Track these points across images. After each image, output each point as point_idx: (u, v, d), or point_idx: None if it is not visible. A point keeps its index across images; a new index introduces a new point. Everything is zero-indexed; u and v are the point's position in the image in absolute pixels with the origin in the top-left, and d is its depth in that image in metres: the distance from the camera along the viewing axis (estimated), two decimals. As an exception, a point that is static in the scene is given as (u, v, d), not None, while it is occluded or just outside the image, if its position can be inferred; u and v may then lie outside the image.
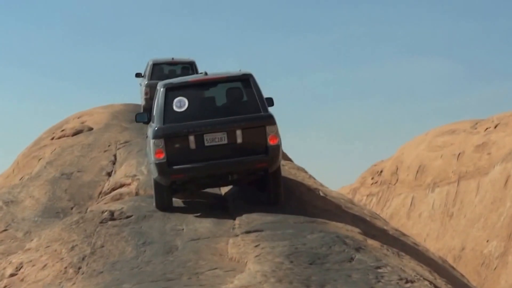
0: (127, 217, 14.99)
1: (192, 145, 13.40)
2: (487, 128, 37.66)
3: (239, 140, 13.45)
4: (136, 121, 15.60)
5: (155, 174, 13.84)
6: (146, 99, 23.43)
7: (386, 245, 13.50)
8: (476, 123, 39.41)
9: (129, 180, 18.67)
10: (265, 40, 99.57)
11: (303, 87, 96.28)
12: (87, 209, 18.08)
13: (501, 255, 33.19)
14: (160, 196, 14.28)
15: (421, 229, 37.62)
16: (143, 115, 15.43)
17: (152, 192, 15.86)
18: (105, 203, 17.81)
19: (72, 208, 18.18)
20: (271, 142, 13.40)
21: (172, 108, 13.55)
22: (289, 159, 25.86)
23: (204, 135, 13.37)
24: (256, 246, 11.70)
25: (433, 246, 36.43)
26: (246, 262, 11.06)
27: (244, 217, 14.50)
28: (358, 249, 11.49)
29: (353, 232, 13.89)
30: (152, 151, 13.55)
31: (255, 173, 14.11)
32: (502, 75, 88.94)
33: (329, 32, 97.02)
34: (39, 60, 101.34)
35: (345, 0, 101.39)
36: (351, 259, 10.95)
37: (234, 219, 14.23)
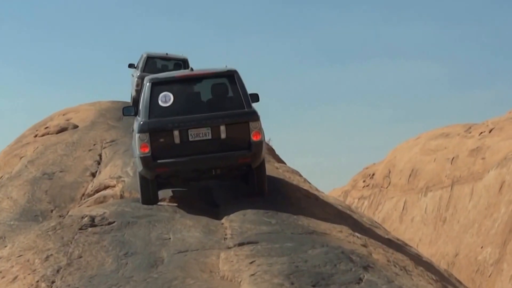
0: (109, 223, 13.40)
1: (177, 140, 13.32)
2: (481, 133, 36.19)
3: (223, 135, 13.38)
4: (124, 114, 15.16)
5: (140, 167, 13.64)
6: (136, 90, 23.19)
7: (392, 260, 11.97)
8: (470, 127, 37.95)
9: (113, 182, 17.09)
10: (256, 39, 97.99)
11: (294, 86, 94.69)
12: (67, 212, 16.52)
13: (495, 262, 31.70)
14: (146, 190, 13.93)
15: (413, 233, 36.11)
16: (130, 108, 15.10)
17: (138, 195, 14.86)
18: (88, 206, 16.23)
19: (52, 211, 16.57)
20: (254, 138, 13.33)
21: (158, 102, 13.45)
22: (283, 162, 24.30)
23: (189, 130, 13.31)
24: (251, 262, 10.13)
25: (426, 251, 34.89)
26: (240, 281, 9.49)
27: (237, 224, 12.95)
28: (366, 268, 9.94)
29: (356, 244, 12.36)
30: (137, 145, 13.43)
31: (238, 168, 13.94)
32: (493, 78, 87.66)
33: (321, 31, 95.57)
34: (25, 54, 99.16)
35: (335, 1, 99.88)
36: (360, 280, 9.39)
37: (222, 218, 13.11)
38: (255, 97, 14.17)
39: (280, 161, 24.18)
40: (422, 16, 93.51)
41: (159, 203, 14.85)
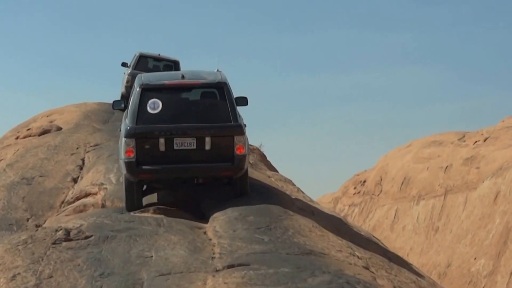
0: (86, 237, 11.89)
1: (162, 148, 13.15)
2: (476, 141, 34.74)
3: (207, 146, 13.24)
4: (113, 108, 15.18)
5: (124, 171, 13.43)
6: (126, 87, 23.39)
7: (398, 286, 10.53)
8: (464, 136, 36.52)
9: (95, 189, 15.57)
10: (251, 40, 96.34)
11: (285, 91, 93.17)
12: (45, 220, 15.00)
13: (489, 274, 30.27)
14: (130, 194, 13.58)
15: (404, 242, 34.67)
16: (120, 101, 15.06)
17: (120, 204, 13.98)
18: (66, 215, 14.72)
19: (28, 220, 15.02)
20: (238, 151, 13.22)
21: (146, 109, 13.27)
22: (275, 169, 22.82)
23: (174, 139, 13.16)
24: (242, 293, 8.63)
25: (417, 260, 33.47)
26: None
27: (226, 241, 11.47)
28: (374, 300, 8.45)
29: (357, 266, 10.92)
30: (123, 149, 13.27)
31: (220, 179, 13.93)
32: (486, 87, 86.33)
33: (315, 35, 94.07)
34: (14, 52, 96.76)
35: (335, 4, 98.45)
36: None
37: (209, 231, 11.95)
38: (244, 101, 14.15)
39: (272, 168, 22.70)
40: (414, 23, 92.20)
41: (142, 214, 13.41)
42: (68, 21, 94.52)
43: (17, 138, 20.96)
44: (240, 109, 14.15)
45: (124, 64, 25.64)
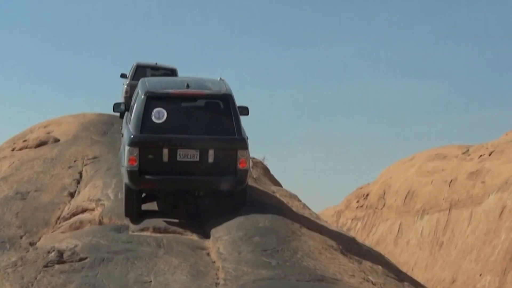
0: (80, 259, 10.96)
1: (165, 158, 12.83)
2: (481, 155, 33.74)
3: (211, 159, 12.91)
4: (114, 111, 15.00)
5: (125, 179, 13.09)
6: (125, 98, 22.89)
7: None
8: (468, 149, 35.55)
9: (92, 205, 14.60)
10: (253, 52, 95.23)
11: (286, 102, 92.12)
12: (39, 238, 14.01)
13: (495, 291, 29.30)
14: (130, 202, 13.20)
15: (408, 257, 33.65)
16: (121, 105, 14.86)
17: (118, 221, 13.23)
18: (62, 232, 13.74)
19: (21, 237, 14.00)
20: (241, 165, 12.93)
21: (151, 118, 12.95)
22: (278, 183, 21.87)
23: (178, 150, 12.84)
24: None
25: (422, 276, 32.46)
26: None
27: (231, 265, 10.52)
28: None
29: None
30: (126, 158, 12.90)
31: (221, 192, 13.42)
32: (488, 100, 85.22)
33: (317, 48, 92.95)
34: (16, 61, 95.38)
35: (335, 18, 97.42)
36: None
37: (213, 252, 11.12)
38: (245, 110, 14.05)
39: (275, 182, 21.76)
40: (416, 36, 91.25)
41: (141, 233, 12.47)
42: (66, 31, 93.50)
43: (13, 150, 19.98)
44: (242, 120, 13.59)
45: (123, 75, 25.45)
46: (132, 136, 12.92)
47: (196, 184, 13.12)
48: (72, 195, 16.19)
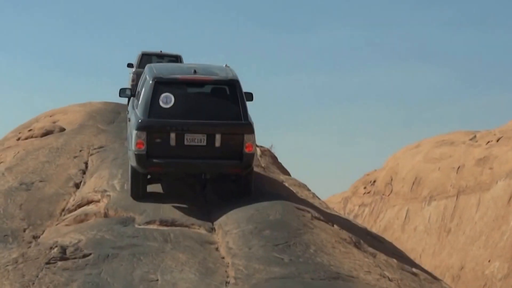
0: (84, 256, 10.29)
1: (172, 142, 12.80)
2: (488, 141, 32.95)
3: (217, 144, 12.88)
4: (120, 96, 14.89)
5: (133, 162, 13.01)
6: (132, 85, 22.71)
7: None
8: (475, 136, 34.75)
9: (98, 196, 13.91)
10: (259, 38, 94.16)
11: (292, 88, 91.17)
12: (43, 231, 13.33)
13: (504, 277, 28.57)
14: (136, 184, 13.23)
15: (416, 243, 32.93)
16: (126, 90, 14.85)
17: (125, 213, 12.65)
18: (66, 225, 13.06)
19: (25, 230, 13.31)
20: (247, 150, 12.90)
21: (159, 103, 12.91)
22: (287, 171, 21.13)
23: (185, 134, 12.82)
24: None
25: (429, 262, 31.75)
26: None
27: (241, 262, 9.83)
28: None
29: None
30: (134, 141, 12.86)
31: (227, 176, 13.50)
32: (494, 86, 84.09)
33: (324, 32, 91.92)
34: (19, 49, 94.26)
35: (342, 3, 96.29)
36: None
37: (221, 246, 10.52)
38: (250, 96, 13.99)
39: (284, 170, 21.02)
40: (423, 21, 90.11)
41: (147, 226, 11.81)
42: (73, 18, 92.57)
43: (18, 139, 19.26)
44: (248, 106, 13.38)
45: (130, 65, 25.43)
46: (140, 121, 12.88)
47: (203, 168, 13.07)
48: (77, 185, 15.50)
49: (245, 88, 13.59)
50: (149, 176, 13.40)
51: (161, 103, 12.91)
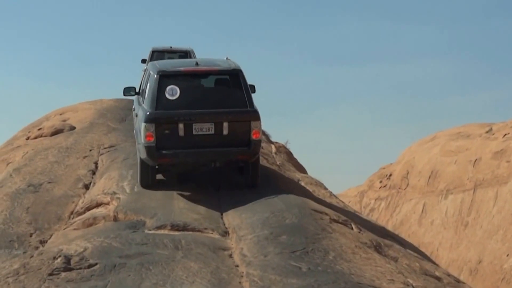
0: (90, 266, 9.52)
1: (181, 133, 12.87)
2: (505, 134, 32.03)
3: (225, 131, 12.93)
4: (124, 95, 14.84)
5: (143, 155, 13.05)
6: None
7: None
8: (491, 128, 33.83)
9: (107, 199, 13.16)
10: (268, 33, 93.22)
11: (307, 82, 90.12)
12: (50, 236, 12.59)
13: (523, 271, 27.71)
14: (145, 174, 13.32)
15: (433, 237, 32.09)
16: (131, 89, 14.70)
17: (135, 217, 12.06)
18: (74, 229, 12.32)
19: (31, 235, 12.58)
20: (254, 136, 12.99)
21: (165, 95, 12.98)
22: (302, 167, 20.33)
23: (193, 124, 12.88)
24: None
25: (447, 256, 30.92)
26: None
27: (256, 272, 9.05)
28: None
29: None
30: (143, 134, 12.91)
31: (236, 163, 13.47)
32: (503, 78, 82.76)
33: (336, 26, 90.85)
34: (31, 48, 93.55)
35: (341, 1, 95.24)
36: None
37: (235, 252, 9.85)
38: (252, 88, 13.90)
39: (299, 167, 20.23)
40: (436, 14, 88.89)
41: (158, 232, 11.06)
42: (86, 14, 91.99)
43: (27, 138, 18.53)
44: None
45: (143, 61, 25.20)
46: (148, 113, 12.90)
47: (212, 156, 13.07)
48: (87, 187, 14.76)
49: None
50: (157, 167, 13.40)
51: (167, 95, 12.97)
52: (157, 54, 24.00)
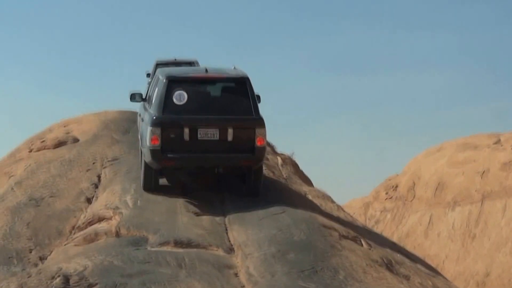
0: (89, 286, 9.04)
1: (186, 137, 12.89)
2: (513, 145, 31.56)
3: (230, 138, 12.95)
4: (130, 100, 14.77)
5: (148, 158, 13.08)
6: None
7: None
8: (499, 139, 33.32)
9: (109, 213, 12.69)
10: (272, 43, 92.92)
11: (311, 92, 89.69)
12: (51, 252, 12.15)
13: (532, 285, 27.21)
14: (148, 178, 13.41)
15: (439, 249, 31.53)
16: (136, 95, 14.64)
17: (137, 233, 11.70)
18: (75, 245, 11.86)
19: (31, 251, 12.13)
20: (259, 143, 13.00)
21: (172, 99, 13.03)
22: (309, 180, 19.84)
23: (198, 129, 12.94)
24: None
25: (453, 268, 30.37)
26: None
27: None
28: None
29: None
30: (148, 137, 12.95)
31: (240, 169, 13.43)
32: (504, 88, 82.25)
33: (342, 38, 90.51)
34: (41, 58, 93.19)
35: (354, 8, 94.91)
36: None
37: (241, 271, 9.54)
38: (258, 98, 13.79)
39: (305, 179, 19.73)
40: (443, 23, 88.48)
41: (161, 249, 10.59)
42: (90, 26, 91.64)
43: (30, 151, 18.08)
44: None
45: (148, 75, 24.94)
46: (154, 117, 12.95)
47: (216, 161, 13.12)
48: (89, 200, 14.30)
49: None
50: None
51: (174, 100, 13.03)
52: (161, 67, 23.60)
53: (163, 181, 13.84)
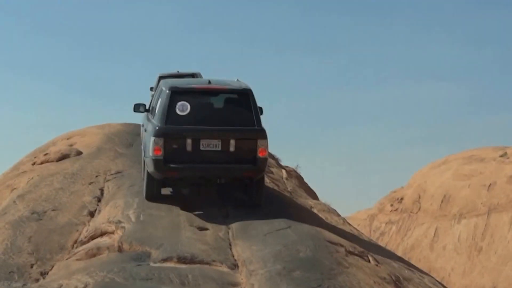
0: (90, 304, 8.75)
1: (189, 148, 12.88)
2: (520, 158, 31.23)
3: (232, 148, 12.95)
4: (134, 111, 14.74)
5: (150, 168, 13.07)
6: None
7: None
8: (505, 152, 33.01)
9: (112, 227, 12.43)
10: (274, 60, 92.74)
11: (316, 106, 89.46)
12: (52, 267, 11.87)
13: (539, 299, 26.87)
14: (151, 187, 13.43)
15: (445, 262, 31.21)
16: (140, 106, 14.65)
17: (140, 248, 11.51)
18: (77, 260, 11.59)
19: (32, 266, 11.86)
20: (260, 154, 12.98)
21: (175, 110, 13.03)
22: (314, 193, 19.56)
23: (201, 140, 12.92)
24: None
25: (459, 282, 30.00)
26: None
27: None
28: None
29: None
30: (151, 148, 12.94)
31: (241, 180, 13.46)
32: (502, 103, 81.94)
33: (345, 53, 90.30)
34: (46, 71, 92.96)
35: (354, 22, 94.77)
36: None
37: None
38: (260, 110, 13.79)
39: (310, 192, 19.46)
40: (446, 37, 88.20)
41: (163, 265, 10.31)
42: (94, 41, 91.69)
43: (33, 164, 17.83)
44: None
45: (151, 89, 24.55)
46: (157, 128, 12.92)
47: (218, 172, 13.08)
48: (92, 214, 14.04)
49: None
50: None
51: (177, 111, 13.00)
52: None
53: (164, 191, 13.72)
